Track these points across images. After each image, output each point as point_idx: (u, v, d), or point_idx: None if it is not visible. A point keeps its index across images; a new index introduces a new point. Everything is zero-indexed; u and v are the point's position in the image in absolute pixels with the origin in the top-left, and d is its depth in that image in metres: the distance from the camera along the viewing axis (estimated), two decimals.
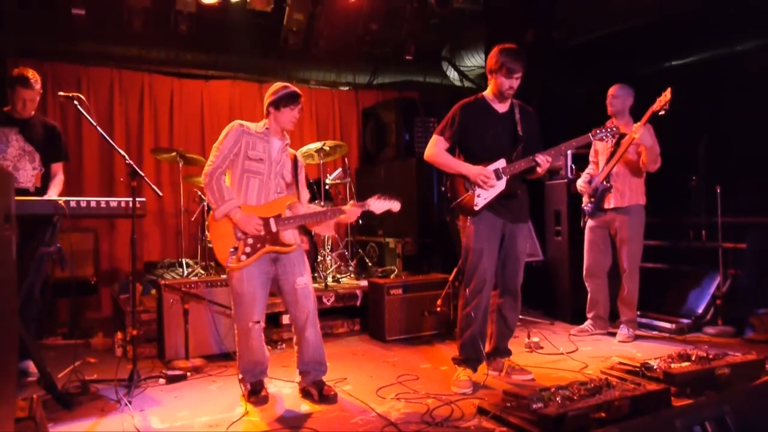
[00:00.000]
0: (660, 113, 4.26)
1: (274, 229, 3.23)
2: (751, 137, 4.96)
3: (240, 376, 3.38)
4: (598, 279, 4.72)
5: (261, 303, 3.26)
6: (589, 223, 4.74)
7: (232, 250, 3.17)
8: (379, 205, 3.38)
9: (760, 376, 3.31)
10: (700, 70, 5.56)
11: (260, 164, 3.27)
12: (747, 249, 4.81)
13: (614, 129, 3.64)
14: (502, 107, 3.66)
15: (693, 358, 3.36)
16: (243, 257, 3.17)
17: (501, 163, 3.56)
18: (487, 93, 3.68)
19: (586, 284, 4.78)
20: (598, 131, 3.63)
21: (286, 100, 3.28)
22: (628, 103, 4.56)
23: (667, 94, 4.20)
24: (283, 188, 3.39)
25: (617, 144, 4.50)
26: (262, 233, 3.20)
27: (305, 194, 3.54)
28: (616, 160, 4.50)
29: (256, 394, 3.33)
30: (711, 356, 3.38)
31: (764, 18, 4.95)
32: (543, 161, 3.49)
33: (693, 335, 4.64)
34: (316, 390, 3.32)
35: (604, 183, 4.55)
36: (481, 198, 3.55)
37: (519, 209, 3.68)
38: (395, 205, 3.43)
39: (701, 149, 5.22)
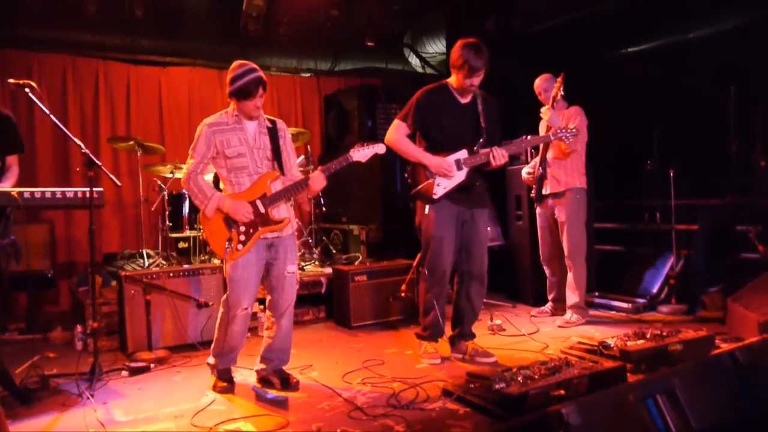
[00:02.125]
0: (558, 96, 4.37)
1: (262, 210, 3.19)
2: (702, 122, 5.13)
3: (212, 360, 3.37)
4: (553, 263, 4.81)
5: (252, 291, 3.24)
6: (537, 210, 4.85)
7: (227, 241, 3.14)
8: (363, 153, 3.30)
9: (711, 351, 3.47)
10: (655, 56, 5.71)
11: (242, 159, 3.19)
12: (698, 230, 4.99)
13: (574, 130, 3.77)
14: (464, 98, 3.70)
15: (648, 336, 3.50)
16: (239, 246, 3.15)
17: (462, 154, 3.62)
18: (451, 81, 3.71)
19: (544, 268, 4.88)
20: (559, 131, 3.73)
21: (244, 95, 3.12)
22: (551, 93, 4.47)
23: (560, 79, 4.35)
24: (271, 168, 3.29)
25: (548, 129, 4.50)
26: (253, 217, 3.16)
27: (292, 162, 3.41)
28: (543, 148, 4.56)
29: (223, 380, 3.33)
30: (665, 333, 3.52)
31: (715, 7, 5.11)
32: (499, 156, 3.55)
33: (648, 314, 4.81)
34: (278, 378, 3.33)
35: (539, 170, 4.62)
36: (441, 187, 3.62)
37: (477, 197, 3.76)
38: (380, 148, 3.35)
39: (655, 134, 5.38)
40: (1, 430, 2.07)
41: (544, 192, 4.67)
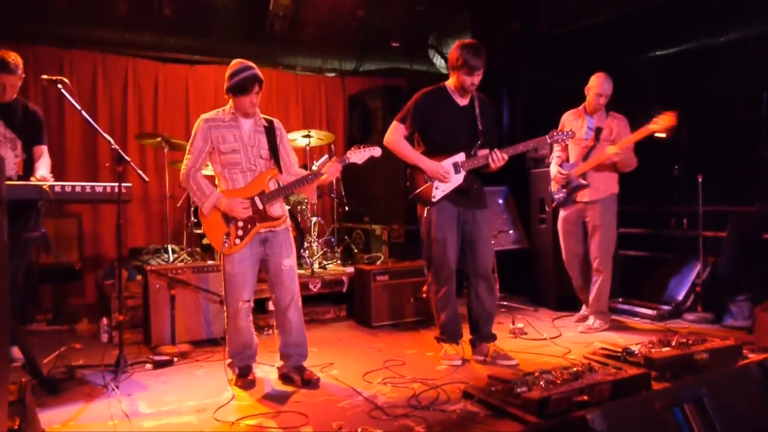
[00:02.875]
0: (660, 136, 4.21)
1: (260, 206, 3.27)
2: (732, 128, 5.04)
3: (228, 360, 3.41)
4: (576, 268, 4.70)
5: (250, 283, 3.32)
6: (562, 213, 4.70)
7: (225, 236, 3.22)
8: (359, 155, 3.37)
9: (738, 361, 3.41)
10: (684, 60, 5.62)
11: (236, 155, 3.27)
12: (727, 237, 4.90)
13: (570, 133, 3.73)
14: (462, 100, 3.74)
15: (673, 344, 3.44)
16: (237, 241, 3.23)
17: (460, 157, 3.66)
18: (449, 84, 3.75)
19: (569, 272, 4.78)
20: (555, 134, 3.72)
21: (240, 90, 3.19)
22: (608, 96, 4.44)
23: (669, 118, 4.08)
24: (264, 167, 3.36)
25: (597, 138, 4.45)
26: (250, 214, 3.25)
27: (291, 159, 3.48)
28: (594, 163, 4.41)
29: (243, 377, 3.36)
30: (690, 342, 3.46)
31: (746, 11, 5.02)
32: (498, 159, 3.57)
33: (673, 321, 4.73)
34: (298, 375, 3.36)
35: (580, 180, 4.48)
36: (439, 190, 3.66)
37: (475, 198, 3.76)
38: (376, 151, 3.41)
39: (683, 139, 5.30)
40: (30, 418, 2.12)
41: (581, 199, 4.52)
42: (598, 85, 4.41)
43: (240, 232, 3.24)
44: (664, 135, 4.22)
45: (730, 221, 4.92)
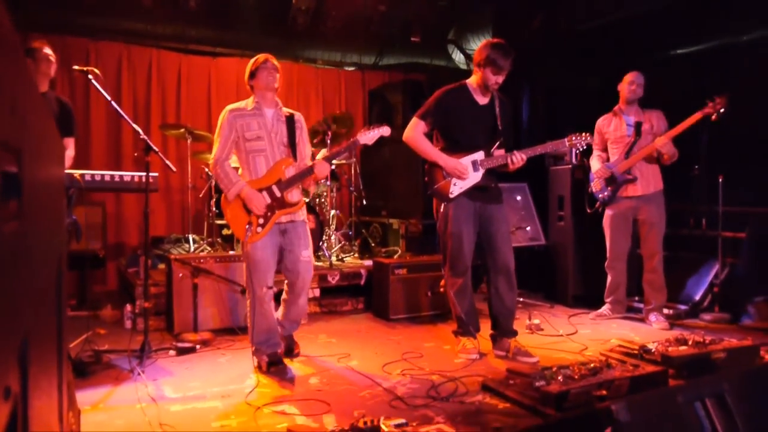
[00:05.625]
0: (712, 117, 4.29)
1: (278, 194, 3.43)
2: (753, 128, 5.01)
3: (253, 348, 3.49)
4: (621, 264, 4.74)
5: (272, 270, 3.48)
6: (609, 211, 4.73)
7: (247, 225, 3.35)
8: (368, 135, 3.49)
9: (755, 361, 3.42)
10: (705, 58, 5.60)
11: (260, 142, 3.43)
12: (746, 238, 4.89)
13: (587, 137, 3.75)
14: (483, 99, 3.78)
15: (690, 343, 3.46)
16: (259, 229, 3.38)
17: (480, 155, 3.71)
18: (471, 82, 3.78)
19: (608, 270, 4.77)
20: (574, 137, 3.74)
21: (255, 63, 3.44)
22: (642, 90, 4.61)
23: (721, 101, 4.25)
24: (285, 154, 3.51)
25: (638, 133, 4.53)
26: (269, 202, 3.39)
27: (306, 152, 3.65)
28: (640, 156, 4.52)
29: (276, 364, 3.45)
30: (707, 341, 3.48)
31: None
32: (518, 160, 3.62)
33: (690, 321, 4.74)
34: (285, 344, 3.65)
35: (626, 175, 4.57)
36: (457, 187, 3.71)
37: (493, 195, 3.81)
38: (385, 130, 3.52)
39: (704, 138, 5.28)
40: (69, 398, 2.19)
41: (630, 194, 4.59)
42: (630, 77, 4.57)
43: (261, 220, 3.39)
44: (715, 118, 4.28)
45: (750, 222, 4.91)
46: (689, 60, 5.74)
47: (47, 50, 3.74)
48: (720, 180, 4.87)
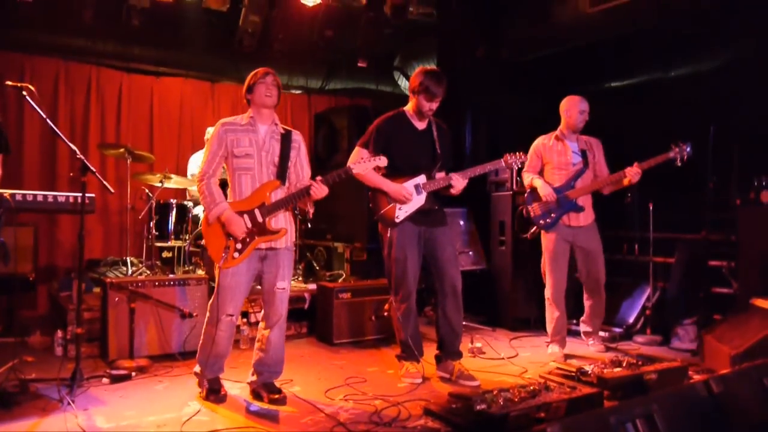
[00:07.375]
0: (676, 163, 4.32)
1: (260, 219, 3.24)
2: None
3: (197, 369, 3.39)
4: (563, 299, 4.51)
5: (239, 298, 3.32)
6: (549, 236, 4.45)
7: (224, 249, 3.21)
8: (364, 165, 3.41)
9: (684, 381, 3.58)
10: (637, 92, 5.90)
11: (248, 159, 3.28)
12: (675, 263, 5.13)
13: (522, 155, 3.85)
14: (421, 124, 3.89)
15: (624, 364, 3.60)
16: (236, 254, 3.22)
17: (422, 179, 3.80)
18: (408, 109, 3.90)
19: (554, 306, 4.44)
20: (509, 157, 3.84)
21: (254, 77, 3.34)
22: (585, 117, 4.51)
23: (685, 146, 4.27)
24: (274, 175, 3.34)
25: (585, 162, 4.46)
26: (249, 227, 3.23)
27: (303, 173, 3.47)
28: (601, 184, 4.43)
29: (215, 393, 3.35)
30: (640, 363, 3.63)
31: (698, 48, 5.32)
32: (458, 182, 3.72)
33: (624, 343, 4.91)
34: (266, 391, 3.35)
35: (575, 202, 4.41)
36: (402, 211, 3.77)
37: (437, 218, 3.89)
38: (382, 161, 3.45)
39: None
40: None
41: (574, 223, 4.42)
42: (578, 103, 4.42)
43: (239, 246, 3.22)
44: (679, 163, 4.32)
45: (678, 248, 5.16)
46: (621, 93, 6.04)
47: None
48: (650, 207, 5.10)
